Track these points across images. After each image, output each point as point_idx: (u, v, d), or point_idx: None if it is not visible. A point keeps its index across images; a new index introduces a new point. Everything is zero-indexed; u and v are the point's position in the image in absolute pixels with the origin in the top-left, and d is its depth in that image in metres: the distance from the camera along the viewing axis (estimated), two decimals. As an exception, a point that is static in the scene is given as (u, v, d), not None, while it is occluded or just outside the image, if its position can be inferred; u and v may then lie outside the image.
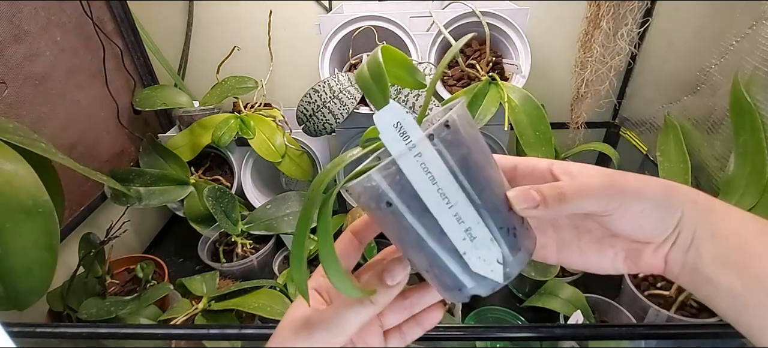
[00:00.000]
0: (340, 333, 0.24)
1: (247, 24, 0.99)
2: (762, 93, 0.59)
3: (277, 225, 0.85)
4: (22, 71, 0.69)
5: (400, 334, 0.29)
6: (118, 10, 0.90)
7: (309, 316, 0.26)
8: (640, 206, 0.25)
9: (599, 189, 0.25)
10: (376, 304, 0.24)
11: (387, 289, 0.24)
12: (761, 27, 0.61)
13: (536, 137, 0.75)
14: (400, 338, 0.29)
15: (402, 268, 0.25)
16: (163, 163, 0.91)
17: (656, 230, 0.25)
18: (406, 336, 0.29)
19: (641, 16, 0.84)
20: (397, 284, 0.24)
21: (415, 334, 0.29)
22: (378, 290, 0.24)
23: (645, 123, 0.94)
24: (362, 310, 0.24)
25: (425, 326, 0.29)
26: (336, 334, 0.24)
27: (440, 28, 0.79)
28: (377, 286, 0.24)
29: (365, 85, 0.22)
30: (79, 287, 0.70)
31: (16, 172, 0.48)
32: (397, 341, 0.29)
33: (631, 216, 0.25)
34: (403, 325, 0.29)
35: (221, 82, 0.95)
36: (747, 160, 0.61)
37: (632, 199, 0.25)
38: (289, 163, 0.91)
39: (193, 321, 0.69)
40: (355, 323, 0.24)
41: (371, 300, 0.24)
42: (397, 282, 0.24)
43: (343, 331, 0.24)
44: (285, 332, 0.26)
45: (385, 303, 0.25)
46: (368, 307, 0.24)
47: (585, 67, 0.83)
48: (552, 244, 0.29)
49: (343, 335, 0.24)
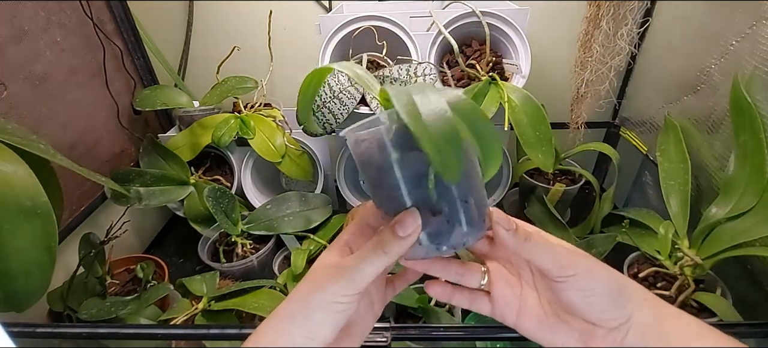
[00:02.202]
0: (360, 279, 0.27)
1: (247, 24, 0.99)
2: (762, 93, 0.59)
3: (277, 225, 0.85)
4: (22, 71, 0.69)
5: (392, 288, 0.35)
6: (118, 10, 0.90)
7: (337, 263, 0.29)
8: (591, 283, 0.28)
9: (559, 251, 0.28)
10: (389, 255, 0.27)
11: (399, 240, 0.26)
12: (761, 27, 0.61)
13: (536, 137, 0.75)
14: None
15: (413, 220, 0.26)
16: (163, 163, 0.91)
17: (605, 313, 0.28)
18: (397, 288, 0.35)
19: (641, 16, 0.84)
20: (409, 235, 0.26)
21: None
22: (390, 242, 0.27)
23: (645, 123, 0.94)
24: (377, 260, 0.27)
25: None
26: (355, 281, 0.27)
27: (440, 28, 0.79)
28: (390, 238, 0.27)
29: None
30: (80, 287, 0.70)
31: (15, 173, 0.48)
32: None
33: (582, 290, 0.28)
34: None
35: (221, 82, 0.95)
36: (747, 160, 0.61)
37: (584, 273, 0.28)
38: (289, 163, 0.91)
39: (193, 321, 0.69)
40: (370, 272, 0.27)
41: (384, 251, 0.27)
42: (409, 233, 0.26)
43: (362, 277, 0.27)
44: (318, 273, 0.29)
45: (397, 253, 0.27)
46: (382, 258, 0.27)
47: (585, 67, 0.83)
48: (515, 305, 0.32)
49: (362, 281, 0.27)
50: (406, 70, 0.76)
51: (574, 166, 0.97)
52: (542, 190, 0.91)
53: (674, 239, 0.71)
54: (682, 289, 0.67)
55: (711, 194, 0.70)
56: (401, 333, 0.50)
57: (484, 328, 0.51)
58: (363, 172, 0.28)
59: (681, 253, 0.68)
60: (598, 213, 0.88)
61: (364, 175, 0.28)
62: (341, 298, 0.27)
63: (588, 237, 0.78)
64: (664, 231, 0.71)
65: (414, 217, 0.26)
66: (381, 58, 0.83)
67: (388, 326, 0.49)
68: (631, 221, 0.75)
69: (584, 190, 1.05)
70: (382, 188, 0.28)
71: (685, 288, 0.66)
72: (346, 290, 0.27)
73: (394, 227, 0.26)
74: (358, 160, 0.28)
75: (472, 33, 0.85)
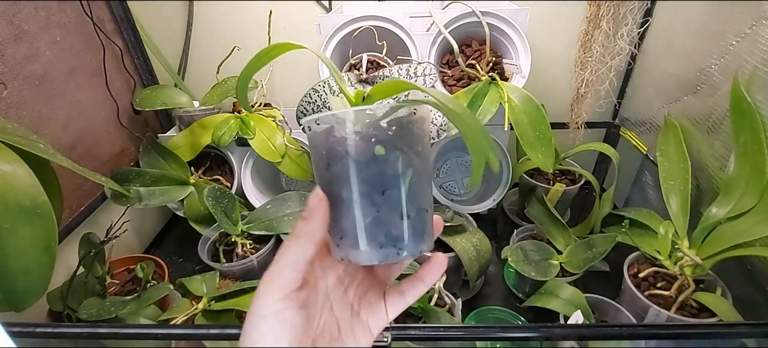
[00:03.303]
0: (289, 270, 0.26)
1: (247, 24, 0.99)
2: (762, 93, 0.59)
3: (277, 225, 0.85)
4: (22, 71, 0.69)
5: (400, 294, 0.31)
6: (118, 10, 0.90)
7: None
8: None
9: None
10: (299, 237, 0.26)
11: (304, 221, 0.26)
12: (761, 27, 0.61)
13: (536, 137, 0.75)
14: (400, 298, 0.31)
15: (315, 195, 0.26)
16: (163, 163, 0.91)
17: None
18: (407, 295, 0.31)
19: (641, 16, 0.84)
20: (313, 211, 0.26)
21: (418, 290, 0.31)
22: (298, 225, 0.26)
23: (645, 123, 0.94)
24: (295, 246, 0.26)
25: (427, 281, 0.31)
26: (285, 272, 0.26)
27: (440, 28, 0.79)
28: (298, 223, 0.26)
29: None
30: (79, 287, 0.70)
31: (15, 173, 0.48)
32: (397, 301, 0.31)
33: None
34: (403, 284, 0.31)
35: (221, 82, 0.95)
36: (747, 160, 0.61)
37: None
38: (289, 163, 0.91)
39: (193, 321, 0.69)
40: (294, 259, 0.26)
41: (296, 235, 0.26)
42: (313, 208, 0.26)
43: (289, 268, 0.26)
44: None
45: (308, 234, 0.26)
46: (296, 241, 0.26)
47: (585, 67, 0.83)
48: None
49: (290, 272, 0.26)
50: (406, 70, 0.76)
51: (574, 166, 0.97)
52: (542, 190, 0.91)
53: (674, 239, 0.71)
54: (682, 289, 0.67)
55: (711, 194, 0.70)
56: (401, 333, 0.50)
57: (484, 328, 0.51)
58: (316, 159, 0.28)
59: (681, 253, 0.68)
60: (598, 213, 0.88)
61: (316, 162, 0.29)
62: (278, 295, 0.26)
63: (588, 237, 0.78)
64: (664, 231, 0.71)
65: (317, 195, 0.26)
66: (381, 58, 0.83)
67: (388, 326, 0.49)
68: (631, 221, 0.75)
69: (584, 190, 1.05)
70: (330, 179, 0.28)
71: (685, 288, 0.66)
72: (280, 282, 0.26)
73: (302, 213, 0.27)
74: (314, 148, 0.28)
75: (472, 33, 0.85)
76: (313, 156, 0.29)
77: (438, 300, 0.72)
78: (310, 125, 0.27)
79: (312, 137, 0.28)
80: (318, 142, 0.27)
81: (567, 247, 0.80)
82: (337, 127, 0.26)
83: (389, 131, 0.26)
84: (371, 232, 0.26)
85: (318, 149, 0.27)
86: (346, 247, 0.27)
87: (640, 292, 0.68)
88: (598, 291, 0.73)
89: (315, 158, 0.28)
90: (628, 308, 0.69)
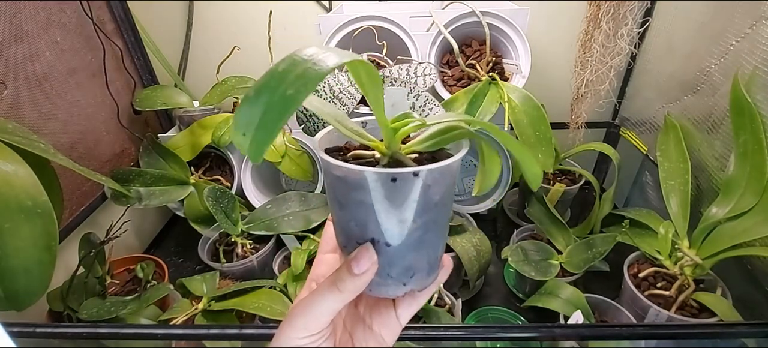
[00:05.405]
0: (314, 320, 0.26)
1: (247, 24, 0.99)
2: (762, 93, 0.59)
3: (277, 225, 0.85)
4: (22, 71, 0.69)
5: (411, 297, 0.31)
6: (118, 10, 0.90)
7: (295, 304, 0.28)
8: None
9: None
10: (344, 293, 0.26)
11: (354, 278, 0.25)
12: (761, 27, 0.61)
13: (536, 137, 0.75)
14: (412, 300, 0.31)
15: (368, 257, 0.25)
16: (163, 163, 0.91)
17: None
18: (417, 297, 0.31)
19: (641, 16, 0.84)
20: (364, 273, 0.25)
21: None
22: (345, 279, 0.25)
23: (645, 123, 0.94)
24: (331, 297, 0.26)
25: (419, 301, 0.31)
26: (310, 321, 0.26)
27: (440, 28, 0.79)
28: (345, 276, 0.25)
29: None
30: (80, 287, 0.70)
31: (15, 173, 0.48)
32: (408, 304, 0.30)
33: None
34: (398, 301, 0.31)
35: (221, 82, 0.95)
36: (747, 160, 0.61)
37: None
38: (289, 163, 0.91)
39: (193, 321, 0.69)
40: (326, 310, 0.26)
41: (339, 288, 0.26)
42: (364, 271, 0.25)
43: (316, 318, 0.26)
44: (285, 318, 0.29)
45: (353, 290, 0.26)
46: (337, 295, 0.26)
47: (585, 67, 0.83)
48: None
49: (316, 322, 0.26)
50: (406, 70, 0.76)
51: (574, 166, 0.97)
52: (542, 190, 0.91)
53: (674, 239, 0.71)
54: (682, 289, 0.67)
55: (711, 194, 0.70)
56: (401, 333, 0.50)
57: (484, 328, 0.51)
58: (331, 188, 0.26)
59: (681, 253, 0.68)
60: (598, 213, 0.88)
61: (331, 191, 0.27)
62: (301, 340, 0.26)
63: (588, 237, 0.78)
64: (664, 231, 0.71)
65: (369, 253, 0.25)
66: (381, 58, 0.83)
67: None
68: (631, 221, 0.75)
69: (584, 190, 1.05)
70: (349, 213, 0.26)
71: (685, 288, 0.66)
72: (303, 331, 0.26)
73: (350, 264, 0.25)
74: (329, 176, 0.26)
75: (472, 33, 0.85)
76: (327, 180, 0.27)
77: (438, 300, 0.72)
78: (328, 165, 0.24)
79: (327, 170, 0.25)
80: (334, 179, 0.25)
81: (567, 247, 0.80)
82: (360, 180, 0.23)
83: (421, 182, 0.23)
84: (384, 267, 0.26)
85: (334, 185, 0.25)
86: None
87: (640, 292, 0.68)
88: (598, 291, 0.73)
89: (330, 182, 0.26)
90: (628, 308, 0.69)
